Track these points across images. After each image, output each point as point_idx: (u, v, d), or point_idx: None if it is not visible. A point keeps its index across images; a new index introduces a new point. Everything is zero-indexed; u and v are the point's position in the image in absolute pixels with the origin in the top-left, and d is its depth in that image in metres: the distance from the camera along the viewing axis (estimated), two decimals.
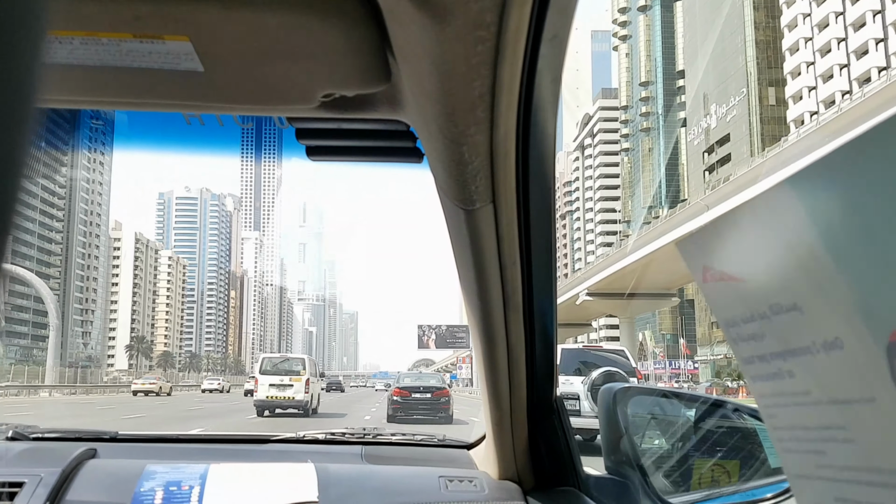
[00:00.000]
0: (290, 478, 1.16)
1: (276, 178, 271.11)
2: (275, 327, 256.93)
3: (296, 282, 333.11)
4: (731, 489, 1.22)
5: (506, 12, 0.53)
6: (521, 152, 0.74)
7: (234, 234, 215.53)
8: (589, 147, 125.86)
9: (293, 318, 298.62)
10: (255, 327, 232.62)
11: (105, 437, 1.44)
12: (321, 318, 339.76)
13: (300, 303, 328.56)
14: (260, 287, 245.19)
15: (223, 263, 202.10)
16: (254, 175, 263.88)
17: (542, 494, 1.15)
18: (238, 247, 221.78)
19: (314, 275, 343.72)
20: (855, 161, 0.28)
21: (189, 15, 0.57)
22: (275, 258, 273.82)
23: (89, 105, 0.74)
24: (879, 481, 0.30)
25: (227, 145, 1.45)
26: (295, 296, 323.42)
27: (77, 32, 0.59)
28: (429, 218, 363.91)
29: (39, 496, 1.07)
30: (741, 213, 0.34)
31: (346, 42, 0.61)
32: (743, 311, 0.36)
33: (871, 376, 0.29)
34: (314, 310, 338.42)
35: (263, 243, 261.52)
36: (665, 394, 1.52)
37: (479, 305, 0.98)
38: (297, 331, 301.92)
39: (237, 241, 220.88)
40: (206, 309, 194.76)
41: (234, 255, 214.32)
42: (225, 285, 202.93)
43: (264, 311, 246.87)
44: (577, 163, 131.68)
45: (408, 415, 14.33)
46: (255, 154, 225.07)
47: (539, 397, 1.11)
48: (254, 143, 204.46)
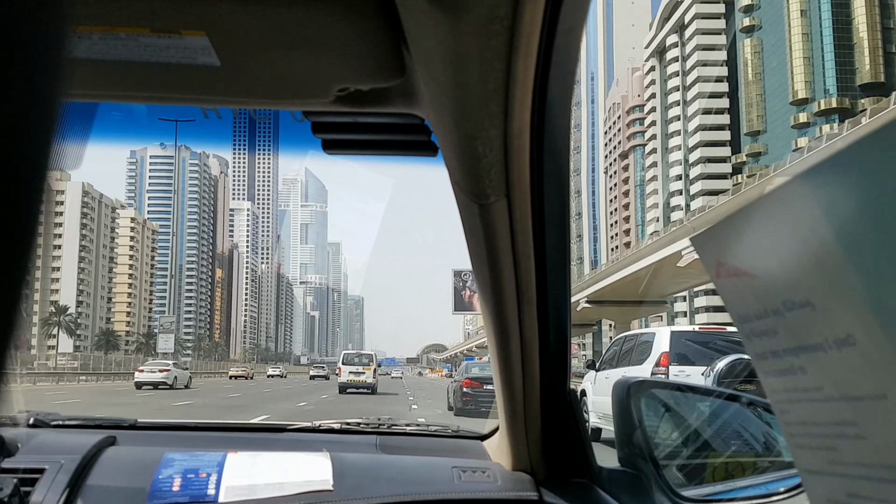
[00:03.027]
0: (306, 466, 1.18)
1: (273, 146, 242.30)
2: (271, 310, 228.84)
3: (297, 264, 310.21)
4: (745, 483, 1.24)
5: (520, 6, 0.53)
6: (535, 146, 0.74)
7: (220, 203, 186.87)
8: (674, 48, 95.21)
9: (294, 302, 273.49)
10: (247, 309, 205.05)
11: (124, 424, 1.47)
12: (324, 302, 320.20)
13: (302, 286, 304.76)
14: (253, 265, 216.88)
15: (206, 235, 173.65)
16: (248, 135, 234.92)
17: (555, 486, 1.17)
18: (225, 218, 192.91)
19: (317, 257, 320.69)
20: (870, 156, 0.28)
21: (206, 10, 0.58)
22: (272, 235, 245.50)
23: (107, 99, 0.76)
24: (890, 478, 0.30)
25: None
26: (296, 279, 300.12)
27: (96, 28, 0.61)
28: (440, 205, 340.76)
29: (60, 482, 1.10)
30: (755, 208, 0.34)
31: (361, 36, 0.62)
32: (756, 306, 0.36)
33: (882, 373, 0.29)
34: (317, 294, 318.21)
35: (259, 216, 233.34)
36: (679, 387, 1.52)
37: (492, 299, 0.99)
38: (297, 315, 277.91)
39: (224, 211, 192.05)
40: (186, 285, 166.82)
41: (220, 227, 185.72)
42: (208, 260, 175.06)
43: (258, 292, 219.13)
44: (652, 74, 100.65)
45: (478, 407, 13.33)
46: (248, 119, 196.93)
47: (553, 389, 1.12)
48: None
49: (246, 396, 22.08)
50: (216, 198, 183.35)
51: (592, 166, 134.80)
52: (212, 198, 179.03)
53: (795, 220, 0.31)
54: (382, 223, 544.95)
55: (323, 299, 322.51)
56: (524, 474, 1.20)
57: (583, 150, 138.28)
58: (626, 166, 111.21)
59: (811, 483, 0.35)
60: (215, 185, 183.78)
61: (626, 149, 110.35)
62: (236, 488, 1.11)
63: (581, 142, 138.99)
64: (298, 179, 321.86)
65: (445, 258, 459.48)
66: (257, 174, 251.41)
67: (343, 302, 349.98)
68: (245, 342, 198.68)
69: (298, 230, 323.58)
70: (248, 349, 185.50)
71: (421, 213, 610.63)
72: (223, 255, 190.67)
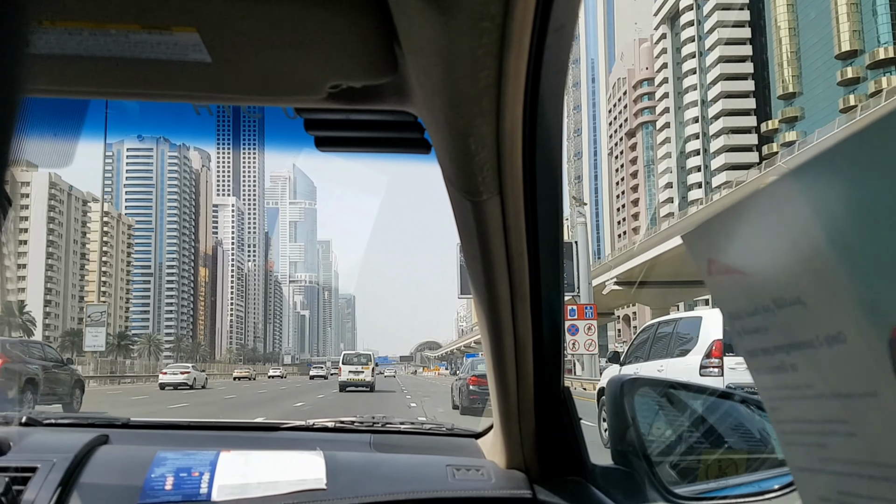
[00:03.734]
0: (299, 465, 1.18)
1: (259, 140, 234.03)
2: (259, 309, 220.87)
3: (287, 262, 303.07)
4: (738, 480, 1.24)
5: (511, 3, 0.53)
6: (527, 144, 0.75)
7: (203, 198, 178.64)
8: (688, 11, 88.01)
9: (283, 301, 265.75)
10: (233, 308, 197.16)
11: (117, 423, 1.46)
12: (315, 301, 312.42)
13: (292, 284, 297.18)
14: (239, 263, 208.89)
15: (188, 231, 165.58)
16: (232, 129, 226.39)
17: (549, 483, 1.17)
18: (208, 214, 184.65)
19: (307, 255, 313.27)
20: (860, 154, 0.28)
21: (196, 6, 0.58)
22: (258, 232, 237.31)
23: (97, 96, 0.76)
24: (881, 475, 0.30)
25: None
26: (286, 277, 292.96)
27: (86, 23, 0.60)
28: (433, 203, 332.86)
29: (52, 481, 1.09)
30: (746, 206, 0.34)
31: (353, 33, 0.62)
32: (747, 304, 0.36)
33: (873, 371, 0.29)
34: (307, 292, 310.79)
35: (244, 213, 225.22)
36: (672, 385, 1.52)
37: (486, 296, 1.00)
38: (286, 314, 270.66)
39: (207, 207, 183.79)
40: (167, 284, 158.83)
41: (203, 224, 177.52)
42: (191, 258, 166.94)
43: (245, 290, 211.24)
44: (663, 43, 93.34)
45: (485, 405, 10.72)
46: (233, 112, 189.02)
47: (547, 387, 1.12)
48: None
49: (245, 398, 22.34)
50: (198, 192, 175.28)
51: (595, 149, 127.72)
52: (193, 192, 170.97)
53: (786, 218, 0.32)
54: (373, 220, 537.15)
55: (313, 298, 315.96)
56: (518, 472, 1.21)
57: (584, 133, 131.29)
58: (633, 146, 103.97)
59: (803, 480, 0.35)
60: (197, 178, 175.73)
61: (633, 126, 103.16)
62: (229, 487, 1.11)
63: (582, 123, 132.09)
64: (287, 176, 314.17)
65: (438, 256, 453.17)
66: (242, 168, 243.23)
67: (334, 300, 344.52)
68: (232, 342, 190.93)
69: (287, 227, 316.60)
70: (233, 350, 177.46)
71: (413, 210, 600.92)
72: (207, 252, 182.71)
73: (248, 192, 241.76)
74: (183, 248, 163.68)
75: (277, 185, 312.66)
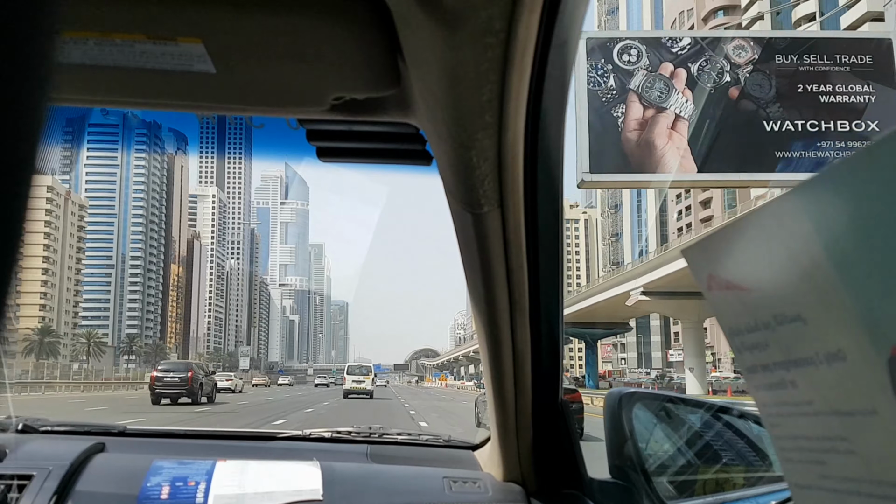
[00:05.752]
0: (296, 475, 1.17)
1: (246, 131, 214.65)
2: (243, 312, 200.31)
3: (276, 264, 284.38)
4: (735, 495, 1.23)
5: (515, 19, 0.53)
6: (528, 157, 0.75)
7: (177, 184, 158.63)
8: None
9: (271, 305, 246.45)
10: (210, 308, 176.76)
11: (113, 431, 1.46)
12: (305, 306, 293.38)
13: (280, 288, 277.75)
14: (220, 260, 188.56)
15: (156, 222, 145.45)
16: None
17: (546, 497, 1.16)
18: (184, 202, 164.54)
19: (298, 258, 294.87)
20: (861, 173, 0.28)
21: (202, 17, 0.58)
22: (243, 227, 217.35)
23: (103, 104, 0.76)
24: (880, 493, 0.30)
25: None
26: (275, 280, 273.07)
27: (92, 33, 0.60)
28: (433, 214, 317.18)
29: (48, 489, 1.09)
30: (747, 222, 0.34)
31: (357, 46, 0.62)
32: (747, 320, 0.36)
33: (872, 389, 0.29)
34: (297, 297, 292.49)
35: (227, 205, 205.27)
36: (670, 399, 1.52)
37: (485, 308, 0.99)
38: (274, 318, 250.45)
39: (183, 195, 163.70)
40: (130, 278, 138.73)
41: (176, 213, 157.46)
42: (159, 249, 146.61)
43: (226, 291, 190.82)
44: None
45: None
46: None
47: (544, 400, 1.12)
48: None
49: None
50: (171, 177, 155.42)
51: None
52: (164, 176, 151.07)
53: (787, 235, 0.32)
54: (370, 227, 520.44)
55: (304, 303, 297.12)
56: (515, 485, 1.19)
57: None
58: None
59: (801, 497, 0.35)
60: (171, 162, 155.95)
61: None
62: (225, 497, 1.10)
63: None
64: (278, 175, 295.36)
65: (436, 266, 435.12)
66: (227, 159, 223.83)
67: (326, 306, 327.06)
68: (209, 345, 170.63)
69: (278, 228, 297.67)
70: (208, 354, 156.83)
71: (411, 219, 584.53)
72: (181, 245, 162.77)
73: (232, 182, 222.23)
74: (151, 237, 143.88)
75: (268, 184, 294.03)
